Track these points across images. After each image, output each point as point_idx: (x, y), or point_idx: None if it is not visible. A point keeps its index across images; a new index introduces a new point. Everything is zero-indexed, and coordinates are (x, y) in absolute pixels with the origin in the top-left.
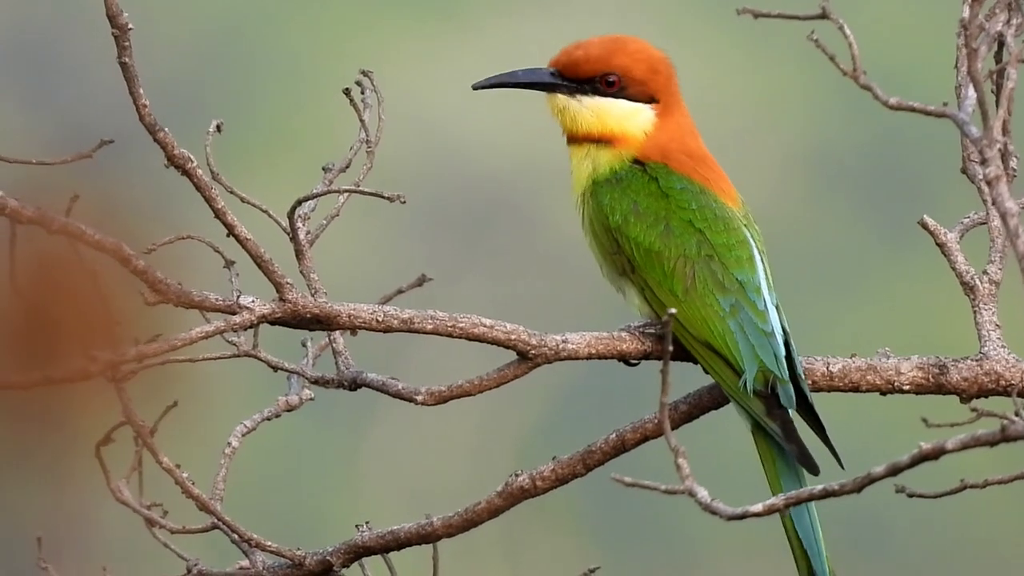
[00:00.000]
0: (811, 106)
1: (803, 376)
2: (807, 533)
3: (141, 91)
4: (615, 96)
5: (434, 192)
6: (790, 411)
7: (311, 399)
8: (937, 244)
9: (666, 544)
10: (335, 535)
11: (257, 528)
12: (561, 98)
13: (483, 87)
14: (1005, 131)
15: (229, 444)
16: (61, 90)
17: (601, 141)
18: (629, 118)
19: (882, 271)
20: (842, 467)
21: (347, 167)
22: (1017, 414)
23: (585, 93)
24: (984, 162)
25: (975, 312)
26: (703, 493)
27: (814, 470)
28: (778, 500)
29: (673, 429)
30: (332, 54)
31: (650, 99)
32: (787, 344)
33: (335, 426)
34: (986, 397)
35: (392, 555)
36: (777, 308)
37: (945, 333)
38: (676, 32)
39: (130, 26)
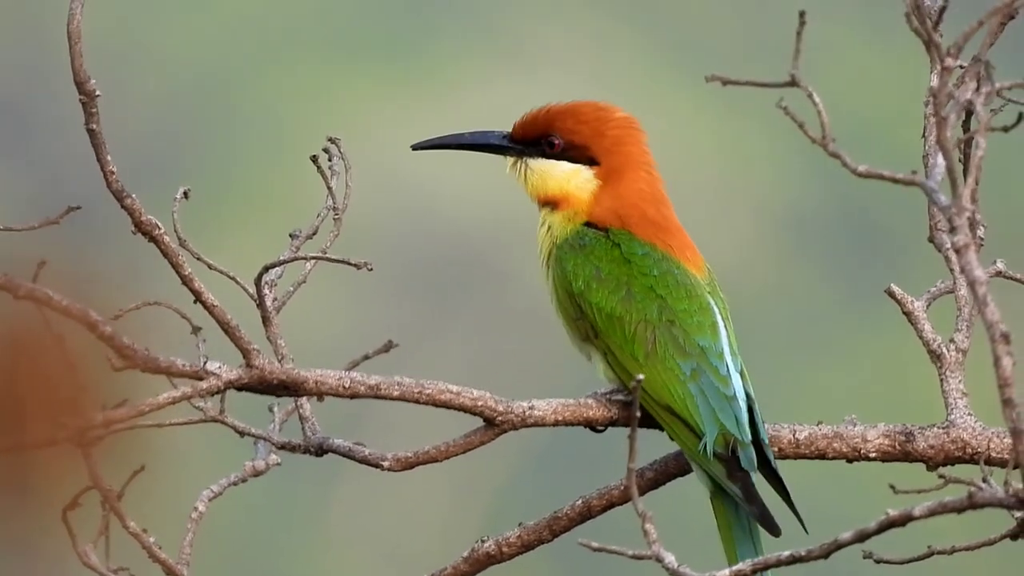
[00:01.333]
0: (781, 169)
1: (767, 442)
2: None
3: (108, 158)
4: (556, 158)
5: (404, 254)
6: (753, 475)
7: (278, 464)
8: (904, 313)
9: None
10: None
11: None
12: (510, 160)
13: (423, 148)
14: (974, 200)
15: (196, 509)
16: (41, 149)
17: (548, 204)
18: (568, 179)
19: (850, 335)
20: (806, 532)
21: (314, 234)
22: (984, 481)
23: (531, 155)
24: (953, 230)
25: (942, 380)
26: (670, 558)
27: (775, 531)
28: (745, 566)
29: (640, 495)
30: (305, 115)
31: (590, 161)
32: (751, 410)
33: (302, 490)
34: (953, 464)
35: None
36: (741, 374)
37: (913, 398)
38: (649, 97)
39: (98, 93)
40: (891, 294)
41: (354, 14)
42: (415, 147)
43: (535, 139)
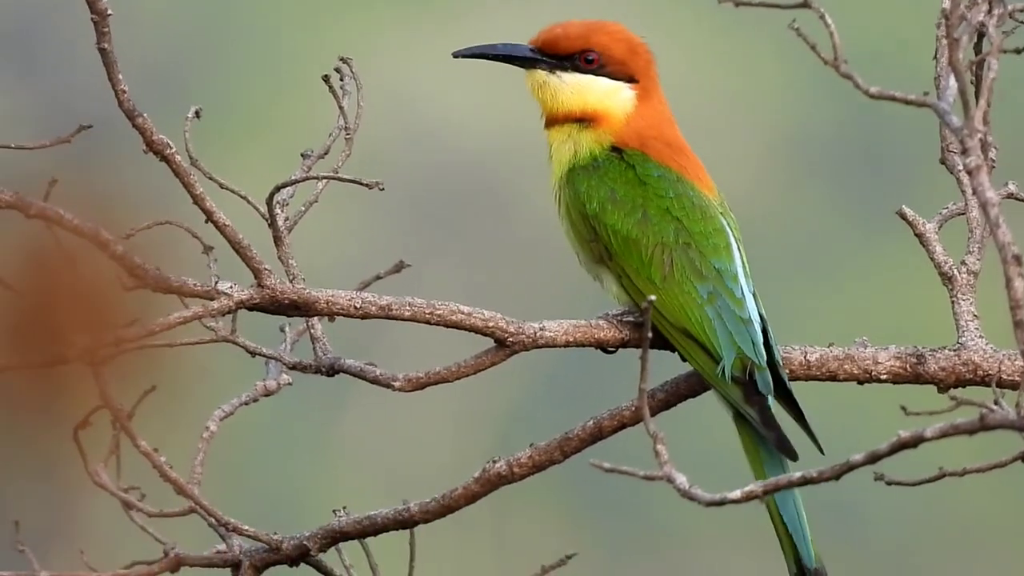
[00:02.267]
0: (790, 93)
1: (781, 364)
2: (792, 518)
3: (120, 77)
4: (595, 73)
5: (414, 176)
6: (769, 398)
7: (289, 384)
8: (916, 235)
9: (644, 529)
10: (312, 520)
11: (234, 512)
12: (541, 74)
13: (463, 55)
14: (985, 121)
15: (207, 428)
16: (49, 73)
17: (583, 120)
18: (610, 96)
19: (860, 259)
20: (822, 453)
21: (326, 153)
22: (996, 403)
23: (565, 69)
24: (965, 152)
25: (953, 302)
26: (682, 479)
27: (792, 456)
28: (756, 487)
29: (651, 416)
30: (313, 40)
31: (629, 79)
32: (765, 332)
33: (313, 411)
34: (964, 387)
35: (369, 540)
36: (754, 296)
37: (923, 321)
38: (656, 21)
39: (109, 12)
40: (903, 216)
41: None
42: (456, 54)
43: (569, 54)
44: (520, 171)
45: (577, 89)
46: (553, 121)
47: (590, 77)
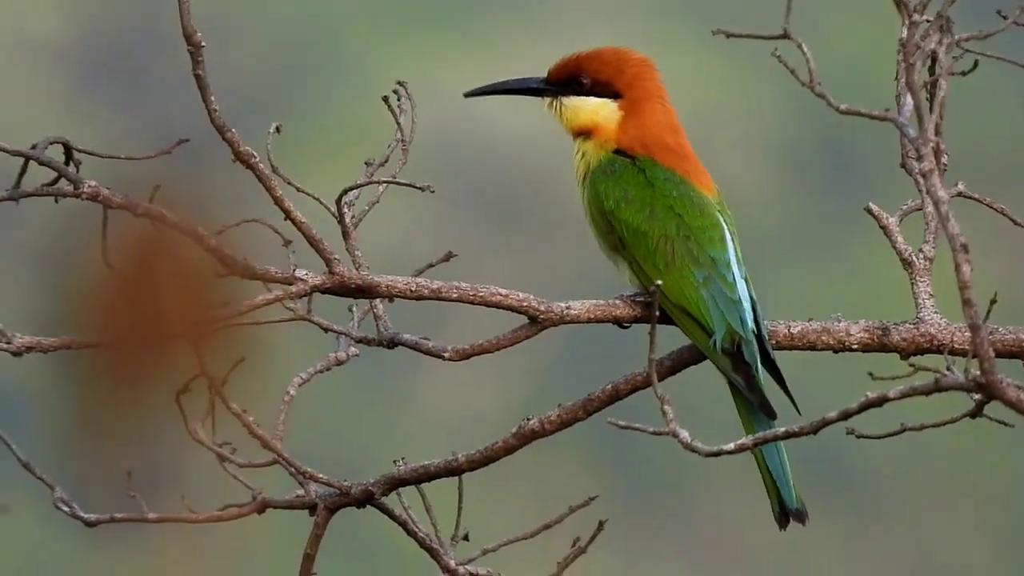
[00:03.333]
0: (776, 108)
1: (768, 338)
2: (776, 467)
3: (212, 98)
4: (586, 95)
5: (463, 180)
6: (756, 366)
7: (356, 355)
8: (880, 227)
9: (654, 476)
10: (376, 469)
11: (310, 463)
12: (547, 100)
13: (474, 95)
14: (938, 132)
15: (288, 393)
16: (153, 94)
17: (583, 134)
18: (597, 111)
19: (832, 247)
20: (799, 413)
21: (386, 162)
22: (948, 369)
23: (565, 94)
24: (920, 158)
25: (912, 284)
26: (684, 434)
27: (771, 415)
28: (747, 440)
29: (659, 381)
30: (380, 68)
31: (614, 95)
32: (755, 311)
33: (377, 379)
34: (922, 355)
35: (424, 485)
36: (746, 280)
37: (887, 300)
38: (663, 46)
39: (203, 44)
40: (869, 211)
41: None
42: (467, 94)
43: (567, 80)
44: (553, 171)
45: (572, 109)
46: (571, 135)
47: (582, 98)
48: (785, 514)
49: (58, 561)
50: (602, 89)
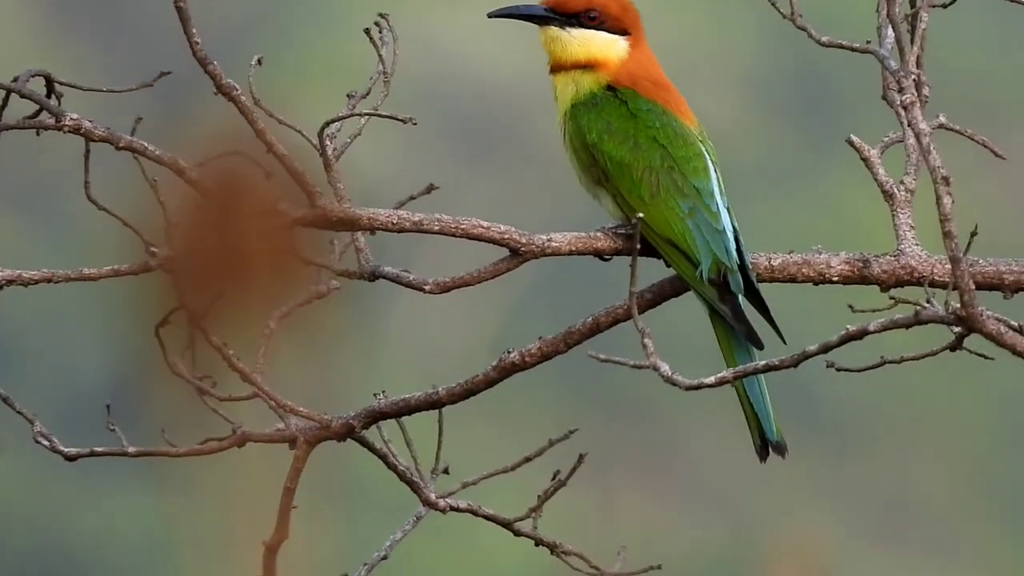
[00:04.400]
0: (751, 40)
1: (751, 268)
2: (757, 399)
3: (194, 31)
4: (596, 28)
5: (441, 111)
6: (740, 297)
7: (337, 288)
8: (862, 159)
9: (633, 409)
10: (356, 403)
11: (290, 397)
12: (553, 30)
13: (498, 15)
14: (918, 64)
15: (267, 326)
16: (135, 26)
17: (586, 67)
18: (609, 46)
19: (812, 179)
20: (784, 343)
21: (367, 94)
22: (928, 301)
23: (572, 26)
24: (901, 90)
25: (893, 215)
26: (665, 367)
27: (759, 345)
28: (727, 373)
29: (639, 314)
30: (365, 6)
31: (623, 32)
32: (737, 241)
33: (355, 313)
34: (902, 287)
35: (404, 419)
36: (728, 211)
37: (862, 233)
38: None
39: None
40: (851, 143)
41: None
42: (491, 14)
43: (575, 12)
44: (532, 106)
45: (583, 41)
46: (559, 68)
47: (593, 32)
48: (765, 446)
49: (36, 495)
50: (612, 24)
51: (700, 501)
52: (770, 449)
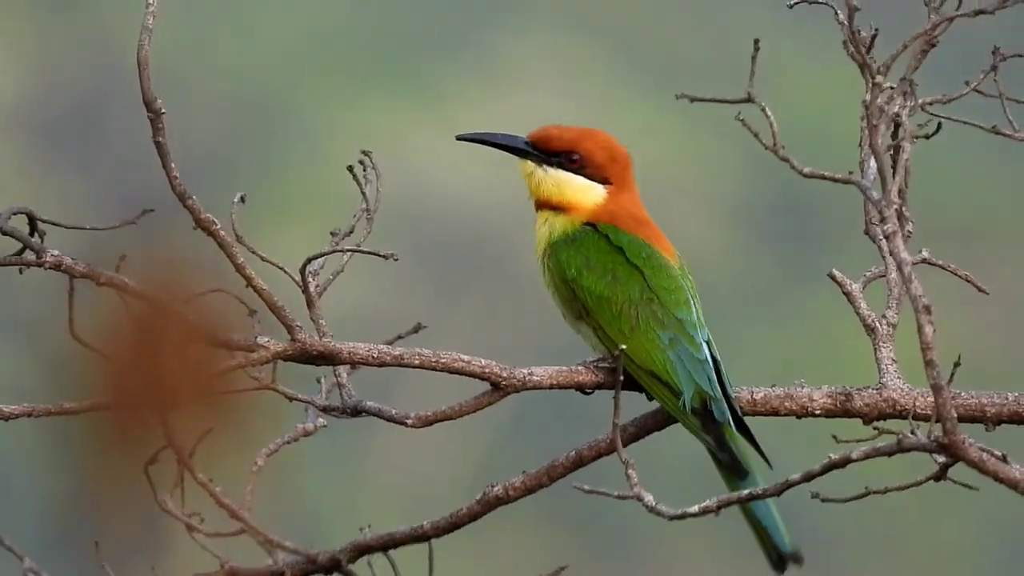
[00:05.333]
0: (735, 170)
1: (735, 397)
2: (765, 515)
3: (173, 165)
4: (575, 172)
5: (423, 243)
6: (724, 425)
7: (324, 427)
8: (844, 293)
9: (619, 540)
10: (338, 536)
11: (280, 532)
12: (531, 165)
13: (466, 139)
14: (901, 195)
15: (255, 463)
16: (113, 155)
17: (558, 209)
18: (583, 192)
19: (793, 312)
20: (771, 468)
21: (351, 232)
22: (912, 432)
23: (551, 165)
24: (883, 220)
25: (875, 349)
26: (649, 498)
27: (742, 475)
28: (711, 503)
29: (623, 447)
30: (334, 123)
31: (604, 180)
32: (719, 371)
33: (339, 447)
34: (885, 420)
35: (391, 552)
36: (708, 343)
37: (843, 366)
38: (623, 109)
39: (163, 111)
40: (832, 277)
41: (371, 42)
42: (460, 137)
43: (557, 152)
44: (511, 232)
45: (557, 183)
46: (538, 205)
47: (570, 175)
48: (781, 559)
49: None
50: (593, 172)
51: None
52: (786, 560)
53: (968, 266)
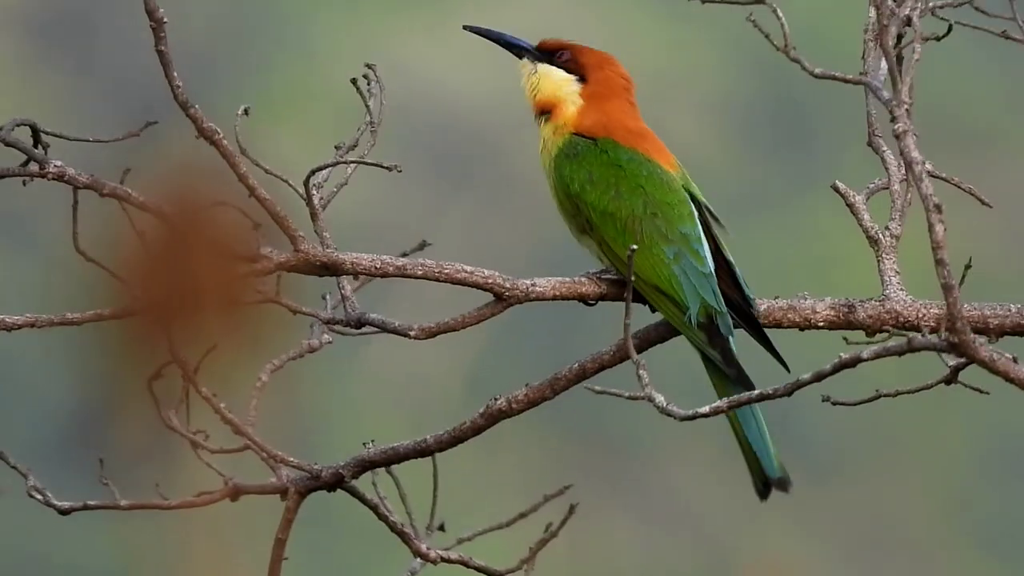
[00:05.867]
0: (727, 76)
1: (753, 299)
2: (755, 437)
3: (175, 74)
4: (559, 67)
5: (418, 139)
6: (730, 339)
7: (330, 343)
8: (847, 204)
9: (613, 444)
10: (344, 452)
11: (297, 445)
12: (526, 63)
13: (473, 30)
14: (910, 95)
15: (259, 379)
16: (106, 61)
17: (543, 112)
18: (560, 85)
19: (789, 223)
20: (788, 370)
21: (355, 145)
22: (921, 334)
23: (543, 61)
24: (894, 120)
25: (879, 261)
26: (660, 398)
27: (750, 388)
28: (722, 403)
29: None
30: (336, 29)
31: (582, 79)
32: (734, 274)
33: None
34: (888, 333)
35: (393, 467)
36: (721, 248)
37: (836, 265)
38: (624, 17)
39: (165, 19)
40: (836, 189)
41: None
42: (467, 27)
43: (551, 51)
44: (507, 135)
45: (541, 75)
46: (535, 112)
47: (553, 67)
48: (767, 486)
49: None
50: (574, 67)
51: (678, 528)
52: (771, 486)
53: (972, 171)
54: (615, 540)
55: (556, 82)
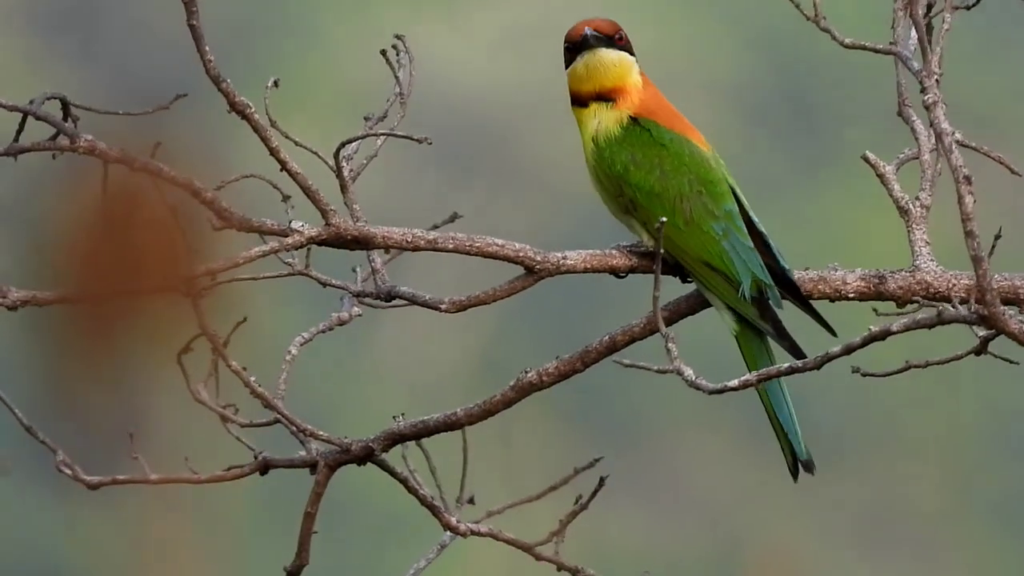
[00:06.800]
0: (735, 57)
1: (789, 269)
2: (786, 420)
3: (207, 48)
4: (621, 50)
5: (436, 138)
6: (778, 312)
7: (359, 315)
8: (877, 175)
9: (616, 425)
10: (375, 426)
11: (311, 421)
12: (609, 52)
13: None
14: (940, 65)
15: (289, 352)
16: (111, 49)
17: (610, 97)
18: (632, 70)
19: (798, 190)
20: (834, 335)
21: (384, 117)
22: (952, 306)
23: (612, 46)
24: (924, 91)
25: (909, 231)
26: (689, 372)
27: (802, 357)
28: (751, 376)
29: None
30: (351, 25)
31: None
32: (770, 247)
33: (372, 335)
34: (918, 304)
35: (424, 441)
36: (753, 221)
37: (843, 247)
38: (634, 2)
39: None
40: (866, 159)
41: None
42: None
43: (609, 36)
44: (517, 120)
45: (620, 60)
46: (579, 100)
47: (623, 53)
48: (797, 464)
49: (51, 523)
50: (630, 49)
51: (685, 513)
52: (800, 467)
53: (1001, 147)
54: (624, 523)
55: (627, 65)
